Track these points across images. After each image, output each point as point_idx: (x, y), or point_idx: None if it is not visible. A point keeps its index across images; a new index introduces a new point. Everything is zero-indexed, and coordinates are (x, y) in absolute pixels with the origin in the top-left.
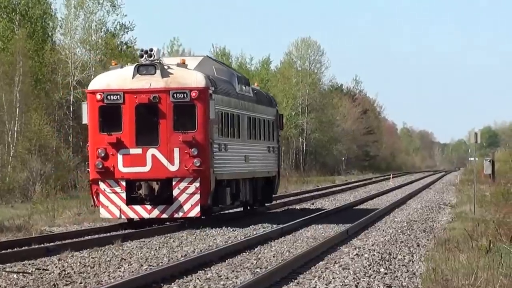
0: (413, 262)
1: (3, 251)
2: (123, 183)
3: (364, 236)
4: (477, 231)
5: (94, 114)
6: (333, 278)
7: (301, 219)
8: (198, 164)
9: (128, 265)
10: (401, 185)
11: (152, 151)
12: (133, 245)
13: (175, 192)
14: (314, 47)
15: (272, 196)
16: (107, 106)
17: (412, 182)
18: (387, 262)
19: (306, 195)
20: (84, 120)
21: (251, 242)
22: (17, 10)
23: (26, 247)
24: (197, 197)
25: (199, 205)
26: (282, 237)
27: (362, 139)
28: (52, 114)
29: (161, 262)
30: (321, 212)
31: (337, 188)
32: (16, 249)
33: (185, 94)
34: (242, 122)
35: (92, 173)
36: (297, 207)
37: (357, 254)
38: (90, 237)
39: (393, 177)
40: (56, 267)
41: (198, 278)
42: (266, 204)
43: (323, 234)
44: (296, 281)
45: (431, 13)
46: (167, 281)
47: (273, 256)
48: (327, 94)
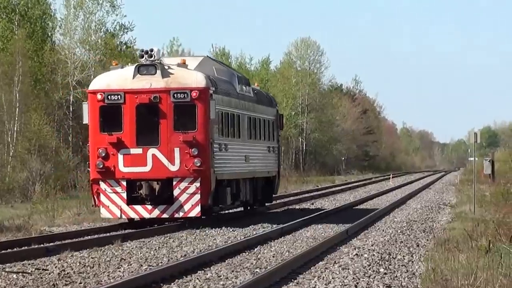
0: (413, 262)
1: (3, 251)
2: (124, 183)
3: (364, 236)
4: (477, 231)
5: (95, 114)
6: (333, 278)
7: (301, 219)
8: (199, 164)
9: (128, 265)
10: (401, 185)
11: (153, 151)
12: (133, 245)
13: (176, 192)
14: (314, 47)
15: (272, 196)
16: (108, 106)
17: (412, 182)
18: (387, 262)
19: (306, 195)
20: (85, 120)
21: (251, 242)
22: (17, 10)
23: (26, 247)
24: (198, 197)
25: (200, 205)
26: (282, 237)
27: (362, 139)
28: (52, 114)
29: (161, 262)
30: (321, 212)
31: (337, 188)
32: (16, 249)
33: (186, 94)
34: (243, 122)
35: (93, 173)
36: (297, 207)
37: (357, 254)
38: (90, 237)
39: (393, 177)
40: (56, 267)
41: (198, 278)
42: (266, 204)
43: (323, 234)
44: (296, 281)
45: (431, 13)
46: (167, 281)
47: (273, 256)
48: (327, 94)
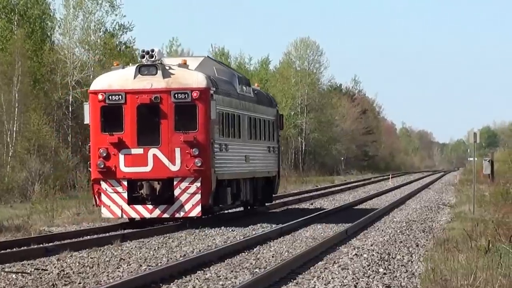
0: (412, 262)
1: (2, 251)
2: (125, 183)
3: (363, 236)
4: (476, 231)
5: (96, 114)
6: (332, 278)
7: (300, 219)
8: (199, 164)
9: (127, 265)
10: (400, 185)
11: (154, 151)
12: (132, 245)
13: (176, 192)
14: (313, 47)
15: (272, 196)
16: (109, 106)
17: (411, 182)
18: (386, 262)
19: (305, 195)
20: (86, 120)
21: (250, 242)
22: (16, 10)
23: (25, 247)
24: (198, 197)
25: (200, 205)
26: (281, 237)
27: (361, 139)
28: (51, 114)
29: (160, 262)
30: (320, 212)
31: (336, 188)
32: (15, 249)
33: (186, 95)
34: (243, 122)
35: (94, 173)
36: (297, 207)
37: (356, 254)
38: (89, 237)
39: (392, 177)
40: (55, 267)
41: (197, 278)
42: (266, 204)
43: (322, 234)
44: (295, 281)
45: (431, 13)
46: (166, 281)
47: (272, 256)
48: (326, 94)
